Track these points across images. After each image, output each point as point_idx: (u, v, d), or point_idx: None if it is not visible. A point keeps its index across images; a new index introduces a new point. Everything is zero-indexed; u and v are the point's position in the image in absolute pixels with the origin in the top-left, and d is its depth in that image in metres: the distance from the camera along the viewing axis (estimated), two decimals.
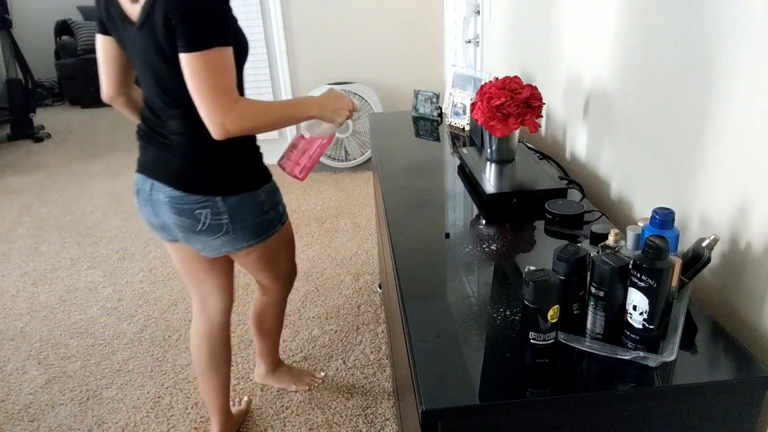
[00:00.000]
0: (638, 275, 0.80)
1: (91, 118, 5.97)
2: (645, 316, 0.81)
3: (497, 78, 1.50)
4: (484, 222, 1.29)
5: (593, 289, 0.84)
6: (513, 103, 1.42)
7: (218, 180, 1.33)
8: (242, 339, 2.24)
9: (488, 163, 1.55)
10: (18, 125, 5.18)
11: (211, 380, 1.67)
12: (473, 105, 1.52)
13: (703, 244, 0.88)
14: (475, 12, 2.79)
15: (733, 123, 0.93)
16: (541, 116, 1.48)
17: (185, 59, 1.16)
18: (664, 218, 0.89)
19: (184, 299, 2.55)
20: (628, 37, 1.26)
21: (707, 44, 0.98)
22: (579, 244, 0.87)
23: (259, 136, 1.43)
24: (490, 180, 1.44)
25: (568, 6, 1.58)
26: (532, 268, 0.81)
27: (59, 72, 6.41)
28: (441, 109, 2.14)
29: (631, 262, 0.81)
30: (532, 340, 0.82)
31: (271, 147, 2.19)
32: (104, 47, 1.36)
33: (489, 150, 1.55)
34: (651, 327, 0.82)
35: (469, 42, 2.94)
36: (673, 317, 0.88)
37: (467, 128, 1.98)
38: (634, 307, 0.82)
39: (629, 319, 0.84)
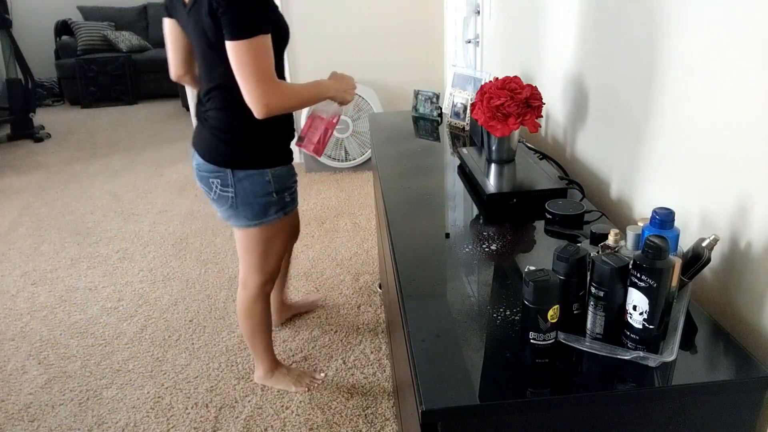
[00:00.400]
0: (638, 275, 0.80)
1: (91, 118, 5.97)
2: (645, 316, 0.81)
3: (497, 78, 1.50)
4: (484, 222, 1.29)
5: (593, 289, 0.84)
6: (513, 103, 1.42)
7: (231, 153, 1.46)
8: (241, 339, 2.24)
9: (488, 163, 1.55)
10: (18, 125, 5.18)
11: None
12: (473, 105, 1.52)
13: (703, 244, 0.88)
14: (475, 12, 2.79)
15: (733, 122, 0.93)
16: (541, 116, 1.48)
17: (232, 47, 1.28)
18: (664, 218, 0.89)
19: (184, 299, 2.55)
20: (627, 37, 1.26)
21: (709, 44, 0.98)
22: (579, 244, 0.87)
23: None
24: (490, 180, 1.44)
25: (568, 6, 1.58)
26: (532, 268, 0.81)
27: (59, 72, 6.41)
28: (441, 109, 2.14)
29: (631, 262, 0.81)
30: (532, 340, 0.82)
31: None
32: (169, 30, 1.51)
33: (489, 150, 1.55)
34: (651, 327, 0.82)
35: (469, 42, 2.94)
36: (673, 317, 0.87)
37: (467, 128, 1.98)
38: (634, 307, 0.82)
39: (629, 319, 0.84)
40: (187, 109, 5.42)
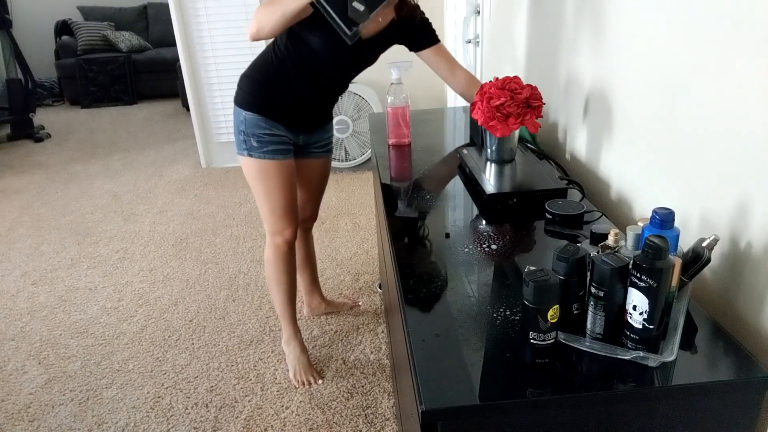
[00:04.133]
0: (638, 275, 0.80)
1: (91, 118, 5.97)
2: (645, 316, 0.81)
3: (497, 78, 1.50)
4: (484, 222, 1.29)
5: (593, 289, 0.84)
6: (513, 103, 1.42)
7: (236, 93, 1.80)
8: (242, 339, 2.25)
9: (488, 163, 1.55)
10: (18, 125, 5.18)
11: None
12: (473, 105, 1.52)
13: (703, 244, 0.88)
14: (475, 12, 2.79)
15: (733, 122, 0.93)
16: (541, 116, 1.48)
17: None
18: (664, 218, 0.89)
19: (184, 299, 2.55)
20: (627, 36, 1.26)
21: (710, 44, 0.98)
22: (579, 244, 0.87)
23: None
24: (490, 180, 1.44)
25: (567, 6, 1.58)
26: (532, 268, 0.81)
27: (59, 72, 6.41)
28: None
29: (631, 262, 0.81)
30: (532, 340, 0.82)
31: None
32: None
33: (489, 150, 1.55)
34: (651, 327, 0.82)
35: (469, 42, 2.94)
36: (673, 317, 0.87)
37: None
38: (634, 307, 0.82)
39: (629, 319, 0.84)
40: (187, 109, 5.42)
